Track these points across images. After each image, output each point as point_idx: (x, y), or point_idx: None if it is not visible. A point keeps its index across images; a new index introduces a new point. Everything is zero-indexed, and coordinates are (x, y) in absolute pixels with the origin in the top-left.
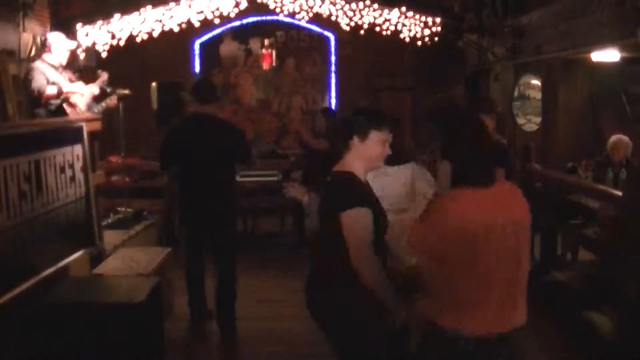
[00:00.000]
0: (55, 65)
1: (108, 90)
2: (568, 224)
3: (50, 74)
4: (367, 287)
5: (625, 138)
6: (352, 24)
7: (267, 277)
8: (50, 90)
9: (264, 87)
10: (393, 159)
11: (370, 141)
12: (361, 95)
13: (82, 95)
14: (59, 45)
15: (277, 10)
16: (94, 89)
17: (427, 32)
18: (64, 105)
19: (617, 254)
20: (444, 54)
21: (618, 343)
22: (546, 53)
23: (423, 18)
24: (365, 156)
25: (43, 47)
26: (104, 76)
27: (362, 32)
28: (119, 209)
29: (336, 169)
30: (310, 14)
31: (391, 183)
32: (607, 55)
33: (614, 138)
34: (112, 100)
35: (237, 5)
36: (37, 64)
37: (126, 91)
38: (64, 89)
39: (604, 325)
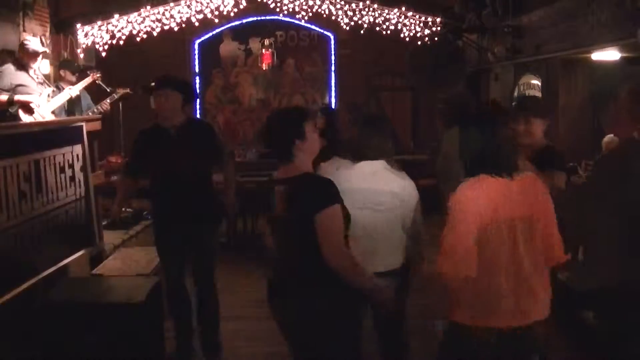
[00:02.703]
0: (27, 67)
1: (108, 89)
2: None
3: (19, 77)
4: (348, 282)
5: (617, 138)
6: (352, 23)
7: (266, 277)
8: (1, 97)
9: (264, 87)
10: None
11: (309, 135)
12: (361, 95)
13: (48, 100)
14: (32, 49)
15: (277, 10)
16: (73, 92)
17: (427, 32)
18: (20, 112)
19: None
20: (444, 54)
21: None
22: (546, 53)
23: (423, 18)
24: (310, 152)
25: (20, 49)
26: (91, 77)
27: (362, 32)
28: None
29: (290, 174)
30: (310, 14)
31: (368, 176)
32: (607, 55)
33: (606, 138)
34: (105, 105)
35: (236, 4)
36: (6, 67)
37: (126, 90)
38: (16, 97)
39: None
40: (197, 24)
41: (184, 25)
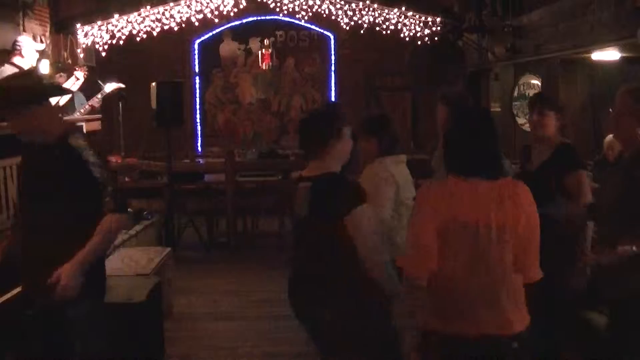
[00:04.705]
0: (24, 68)
1: (104, 86)
2: None
3: None
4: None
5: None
6: (352, 23)
7: (267, 277)
8: None
9: (264, 87)
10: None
11: (344, 138)
12: (361, 95)
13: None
14: (29, 48)
15: (277, 10)
16: (74, 86)
17: (427, 32)
18: None
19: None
20: (444, 54)
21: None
22: (546, 53)
23: (423, 18)
24: (342, 154)
25: (13, 50)
26: (77, 75)
27: (362, 32)
28: None
29: (315, 173)
30: (310, 14)
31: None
32: (607, 55)
33: (608, 138)
34: (95, 101)
35: (236, 4)
36: (3, 69)
37: (119, 85)
38: None
39: (603, 326)
40: (197, 24)
41: (184, 25)
